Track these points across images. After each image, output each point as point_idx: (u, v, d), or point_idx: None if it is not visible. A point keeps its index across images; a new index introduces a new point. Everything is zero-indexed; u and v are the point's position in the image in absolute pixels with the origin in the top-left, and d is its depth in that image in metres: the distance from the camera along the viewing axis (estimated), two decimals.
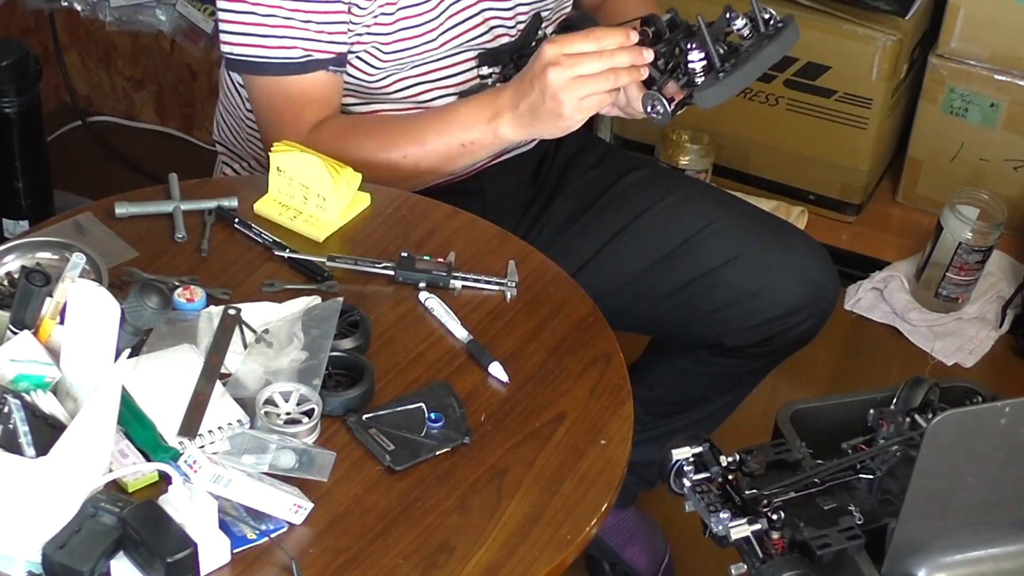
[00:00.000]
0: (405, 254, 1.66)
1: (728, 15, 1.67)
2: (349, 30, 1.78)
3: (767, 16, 1.69)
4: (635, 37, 1.67)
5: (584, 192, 1.98)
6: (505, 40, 1.88)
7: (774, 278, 1.88)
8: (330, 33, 1.77)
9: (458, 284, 1.65)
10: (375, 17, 1.79)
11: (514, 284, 1.65)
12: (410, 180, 1.81)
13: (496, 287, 1.65)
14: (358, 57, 1.83)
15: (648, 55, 1.66)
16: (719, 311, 1.91)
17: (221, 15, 1.79)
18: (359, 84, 1.86)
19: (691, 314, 1.92)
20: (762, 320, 1.89)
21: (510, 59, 1.81)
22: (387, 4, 1.79)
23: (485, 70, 1.81)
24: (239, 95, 1.94)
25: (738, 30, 1.67)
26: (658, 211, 1.93)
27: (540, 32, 1.83)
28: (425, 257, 1.66)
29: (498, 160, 1.97)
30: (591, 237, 1.94)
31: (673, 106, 1.68)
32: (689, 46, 1.65)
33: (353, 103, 1.88)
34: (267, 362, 1.51)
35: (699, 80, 1.65)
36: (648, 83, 1.70)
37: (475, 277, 1.66)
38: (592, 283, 1.71)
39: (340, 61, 1.81)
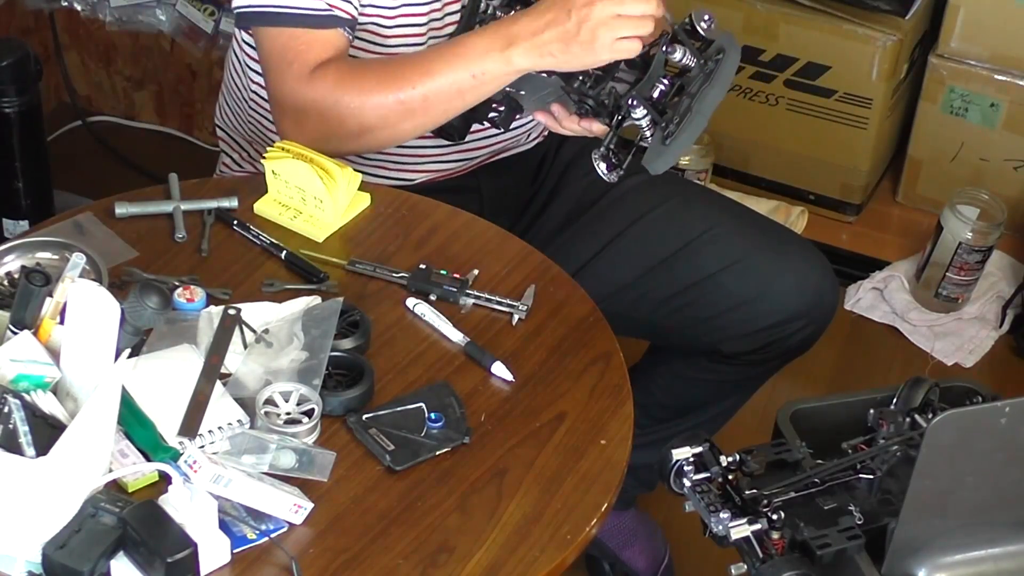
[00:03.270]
0: (423, 266, 1.65)
1: (665, 48, 1.64)
2: None
3: (704, 24, 1.66)
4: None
5: (584, 194, 1.98)
6: None
7: (773, 285, 1.88)
8: None
9: (469, 302, 1.63)
10: None
11: (525, 309, 1.63)
12: (418, 117, 1.74)
13: (506, 309, 1.63)
14: (358, 36, 1.82)
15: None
16: (717, 317, 1.90)
17: None
18: None
19: (689, 320, 1.92)
20: (760, 327, 1.89)
21: None
22: None
23: (483, 4, 1.78)
24: (246, 76, 1.93)
25: (679, 61, 1.65)
26: (658, 215, 1.93)
27: None
28: (442, 271, 1.65)
29: (496, 158, 1.97)
30: (589, 239, 1.94)
31: (617, 173, 1.68)
32: (631, 102, 1.62)
33: None
34: (267, 362, 1.51)
35: (648, 134, 1.63)
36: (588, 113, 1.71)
37: (488, 297, 1.64)
38: (589, 286, 1.70)
39: (353, 24, 1.79)
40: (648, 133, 1.65)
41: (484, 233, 1.75)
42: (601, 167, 1.68)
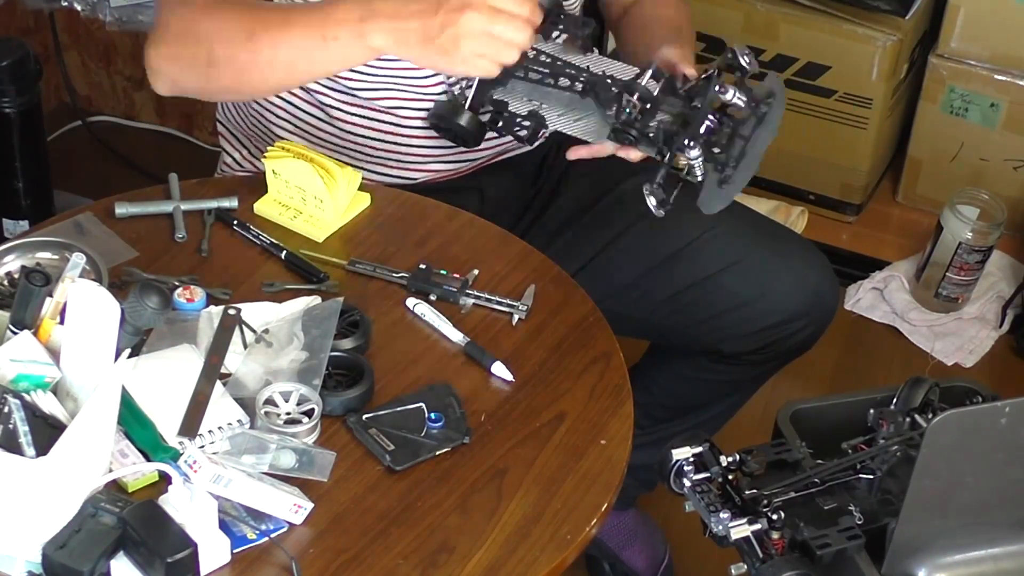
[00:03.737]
0: (423, 266, 1.65)
1: (717, 88, 1.61)
2: None
3: (745, 58, 1.63)
4: None
5: (584, 194, 1.98)
6: None
7: (773, 285, 1.88)
8: None
9: (469, 302, 1.64)
10: None
11: (525, 309, 1.63)
12: (263, 67, 1.66)
13: (506, 309, 1.63)
14: None
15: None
16: (717, 317, 1.90)
17: None
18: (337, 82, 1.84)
19: (689, 320, 1.92)
20: (760, 327, 1.89)
21: None
22: None
23: None
24: None
25: (729, 100, 1.61)
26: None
27: None
28: (442, 271, 1.66)
29: (498, 158, 1.97)
30: (590, 240, 1.94)
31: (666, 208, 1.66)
32: (687, 142, 1.60)
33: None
34: (267, 362, 1.51)
35: (699, 172, 1.62)
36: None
37: (488, 297, 1.64)
38: (589, 286, 1.70)
39: None
40: (699, 172, 1.63)
41: (484, 233, 1.75)
42: (651, 202, 1.66)
